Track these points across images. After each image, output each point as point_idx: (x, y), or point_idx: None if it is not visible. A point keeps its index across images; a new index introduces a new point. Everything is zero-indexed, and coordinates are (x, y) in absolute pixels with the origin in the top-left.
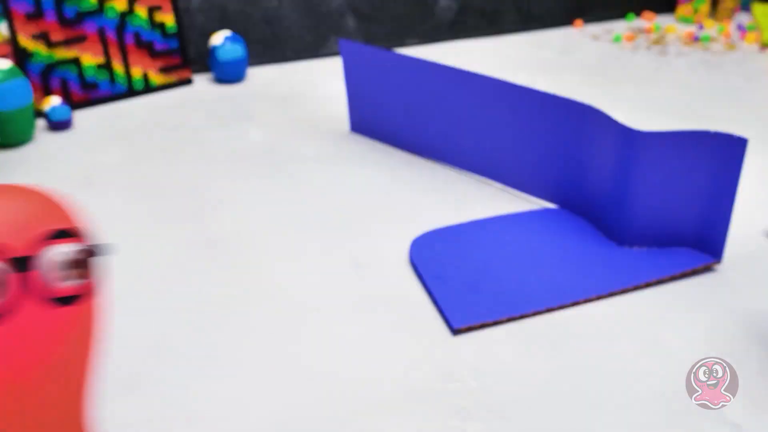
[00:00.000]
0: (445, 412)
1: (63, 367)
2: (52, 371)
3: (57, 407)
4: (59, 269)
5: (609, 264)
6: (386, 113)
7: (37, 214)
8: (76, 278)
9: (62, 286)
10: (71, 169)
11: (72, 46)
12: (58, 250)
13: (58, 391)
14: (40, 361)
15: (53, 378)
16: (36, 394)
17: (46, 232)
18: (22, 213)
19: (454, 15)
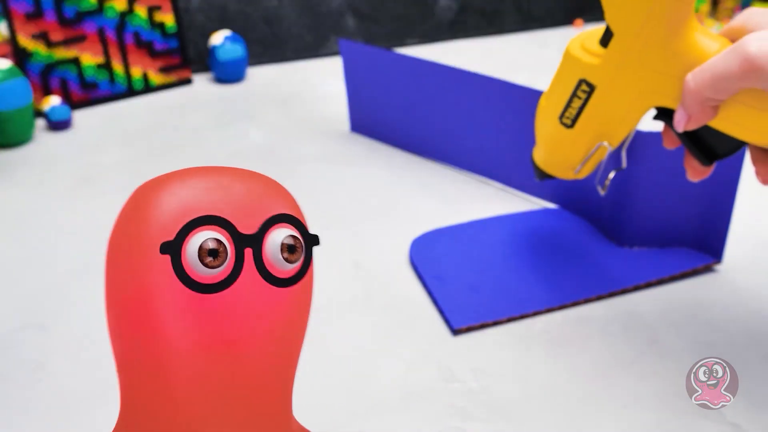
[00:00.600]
0: (445, 412)
1: (276, 345)
2: (265, 348)
3: (267, 387)
4: (282, 252)
5: (609, 264)
6: (387, 113)
7: (265, 197)
8: (295, 262)
9: (282, 268)
10: (71, 168)
11: (71, 46)
12: (282, 233)
13: (269, 370)
14: (256, 335)
15: (266, 356)
16: (245, 370)
17: (272, 215)
18: (252, 194)
19: (454, 15)
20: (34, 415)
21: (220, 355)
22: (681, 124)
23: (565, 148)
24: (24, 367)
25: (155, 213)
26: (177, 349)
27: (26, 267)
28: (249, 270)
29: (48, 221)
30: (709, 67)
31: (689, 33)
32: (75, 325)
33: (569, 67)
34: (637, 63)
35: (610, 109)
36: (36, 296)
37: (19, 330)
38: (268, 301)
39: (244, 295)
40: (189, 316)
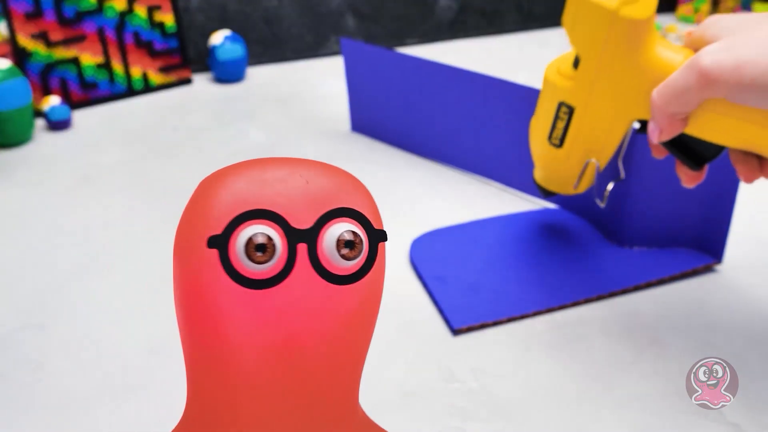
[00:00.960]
0: (445, 412)
1: (337, 344)
2: (326, 346)
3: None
4: (339, 248)
5: (609, 264)
6: (387, 113)
7: (327, 190)
8: (355, 259)
9: (340, 265)
10: (70, 168)
11: (71, 46)
12: (341, 229)
13: (330, 368)
14: (314, 334)
15: (327, 354)
16: (307, 366)
17: (330, 209)
18: (312, 187)
19: (454, 15)
20: (34, 415)
21: (280, 353)
22: (654, 136)
23: (558, 167)
24: (24, 367)
25: (207, 206)
26: (234, 345)
27: (26, 267)
28: (303, 266)
29: (48, 221)
30: (670, 83)
31: (651, 48)
32: (75, 325)
33: (548, 91)
34: (606, 82)
35: (592, 127)
36: (36, 296)
37: (19, 330)
38: (327, 298)
39: (299, 291)
40: (243, 313)
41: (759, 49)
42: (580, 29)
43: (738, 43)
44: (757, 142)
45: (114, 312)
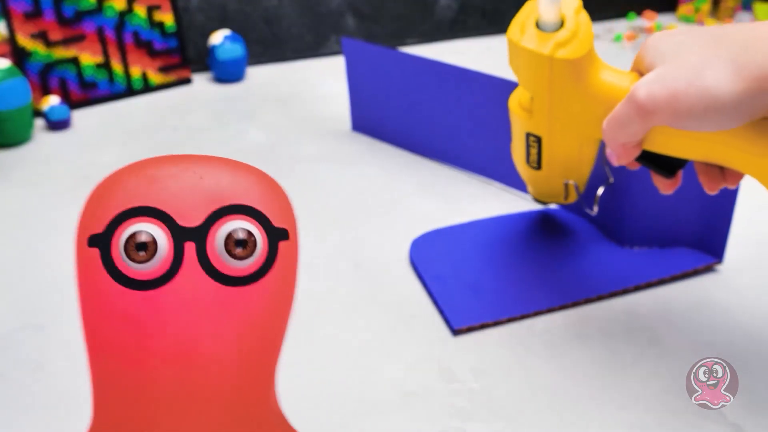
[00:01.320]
0: (446, 412)
1: (237, 348)
2: (223, 351)
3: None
4: (229, 247)
5: (609, 264)
6: (389, 112)
7: (222, 185)
8: (248, 258)
9: (232, 265)
10: (70, 168)
11: (71, 46)
12: (232, 227)
13: (235, 372)
14: (208, 337)
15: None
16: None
17: (222, 206)
18: (205, 183)
19: (454, 14)
20: (34, 415)
21: (176, 358)
22: (613, 160)
23: (544, 185)
24: (23, 367)
25: (93, 204)
26: (125, 350)
27: (25, 267)
28: (191, 266)
29: (47, 221)
30: (615, 116)
31: (596, 79)
32: (74, 325)
33: (514, 122)
34: (561, 114)
35: (563, 151)
36: (35, 297)
37: (18, 330)
38: (220, 301)
39: (188, 293)
40: (130, 315)
41: (689, 78)
42: (523, 73)
43: (670, 72)
44: (712, 155)
45: None
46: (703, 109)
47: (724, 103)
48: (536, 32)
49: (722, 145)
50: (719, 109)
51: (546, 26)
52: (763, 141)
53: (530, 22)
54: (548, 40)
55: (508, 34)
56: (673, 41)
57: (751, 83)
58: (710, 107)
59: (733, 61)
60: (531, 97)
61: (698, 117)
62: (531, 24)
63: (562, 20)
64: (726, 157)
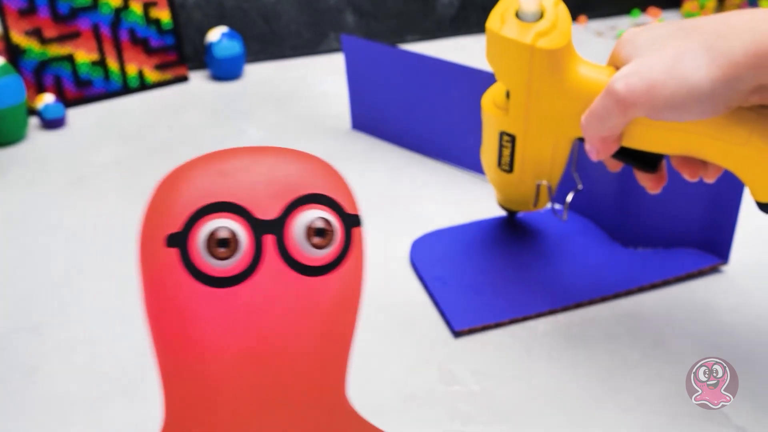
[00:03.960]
0: (446, 415)
1: (319, 339)
2: (306, 342)
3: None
4: (309, 236)
5: (613, 265)
6: (389, 111)
7: (294, 176)
8: (327, 247)
9: (312, 255)
10: (65, 167)
11: (66, 43)
12: (310, 216)
13: (312, 365)
14: (292, 330)
15: (308, 350)
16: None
17: (298, 196)
18: (276, 174)
19: (455, 11)
20: (28, 418)
21: (256, 355)
22: (593, 156)
23: (514, 190)
24: (18, 370)
25: (166, 203)
26: (205, 350)
27: (19, 268)
28: (272, 259)
29: (42, 221)
30: (593, 110)
31: (574, 71)
32: (69, 327)
33: (488, 121)
34: (538, 109)
35: (537, 150)
36: (30, 298)
37: (13, 332)
38: (302, 292)
39: (271, 287)
40: (210, 315)
41: (667, 69)
42: (502, 65)
43: (647, 64)
44: (690, 148)
45: (109, 314)
46: (682, 98)
47: (701, 91)
48: (517, 22)
49: (700, 136)
50: (697, 97)
51: (526, 16)
52: (739, 130)
53: (510, 13)
54: (529, 30)
55: (487, 25)
56: (649, 35)
57: (727, 70)
58: (688, 96)
59: (709, 50)
60: (507, 94)
61: (677, 107)
62: (511, 14)
63: (542, 11)
64: (704, 149)
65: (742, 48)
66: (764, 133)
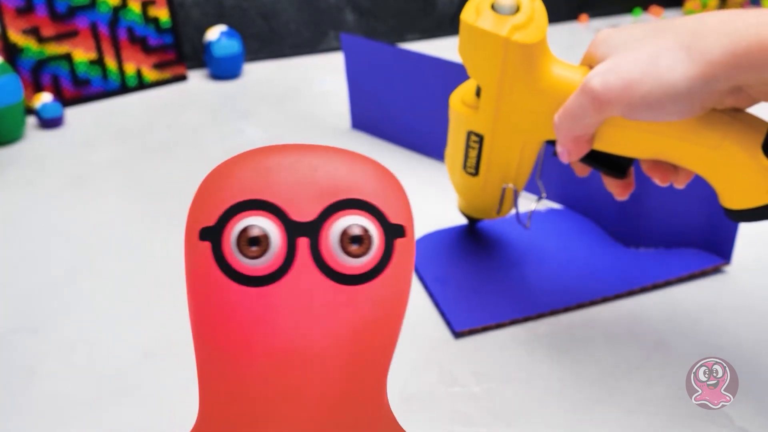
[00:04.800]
0: (447, 417)
1: (350, 347)
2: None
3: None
4: (344, 243)
5: (615, 265)
6: (389, 110)
7: (338, 179)
8: (363, 256)
9: (347, 263)
10: (63, 167)
11: (63, 42)
12: (347, 222)
13: (346, 373)
14: (321, 337)
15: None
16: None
17: (337, 200)
18: (320, 175)
19: (456, 9)
20: (27, 419)
21: (286, 356)
22: (564, 158)
23: (478, 194)
24: (15, 371)
25: (205, 196)
26: (235, 345)
27: (17, 269)
28: (304, 263)
29: (39, 222)
30: (567, 108)
31: (547, 70)
32: (68, 328)
33: (455, 121)
34: (509, 108)
35: (505, 152)
36: (28, 299)
37: (11, 333)
38: (333, 299)
39: (300, 291)
40: (239, 311)
41: (643, 67)
42: (475, 59)
43: (623, 62)
44: (663, 151)
45: (108, 314)
46: (658, 96)
47: (678, 90)
48: (492, 14)
49: (672, 138)
50: (673, 96)
51: (503, 9)
52: (712, 133)
53: (486, 5)
54: (505, 23)
55: (462, 16)
56: (624, 35)
57: (704, 69)
58: (664, 95)
59: (686, 49)
60: (477, 92)
61: (653, 106)
62: (487, 6)
63: (518, 4)
64: (676, 152)
65: (720, 47)
66: (736, 137)
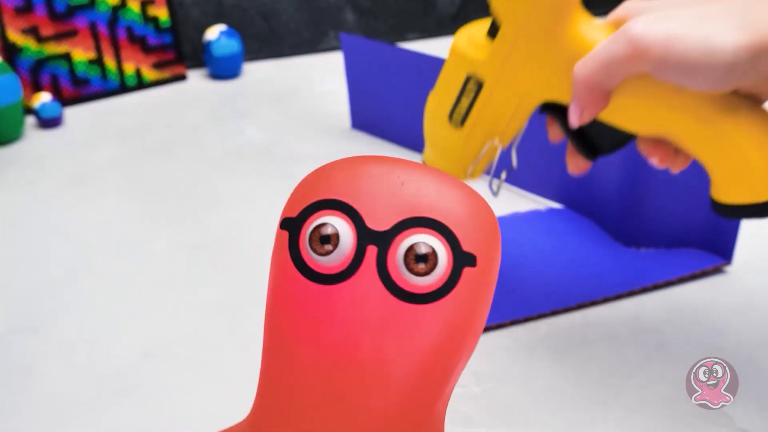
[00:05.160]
0: (447, 417)
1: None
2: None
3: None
4: (408, 259)
5: (616, 265)
6: (389, 110)
7: (421, 196)
8: (427, 276)
9: (409, 279)
10: (62, 167)
11: (62, 41)
12: (417, 239)
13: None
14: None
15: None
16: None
17: (413, 216)
18: (405, 190)
19: (456, 9)
20: (26, 419)
21: (335, 359)
22: (575, 117)
23: (457, 149)
24: (14, 371)
25: (297, 190)
26: (292, 337)
27: (17, 269)
28: (369, 271)
29: (39, 222)
30: (597, 53)
31: (575, 24)
32: (67, 328)
33: (456, 63)
34: (524, 56)
35: (500, 105)
36: (27, 299)
37: (10, 333)
38: (387, 312)
39: (359, 298)
40: (300, 304)
41: (691, 24)
42: None
43: (673, 15)
44: (672, 128)
45: (108, 314)
46: (697, 58)
47: (721, 55)
48: None
49: (686, 114)
50: (714, 61)
51: None
52: (729, 117)
53: None
54: None
55: None
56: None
57: (754, 39)
58: (705, 57)
59: (738, 18)
60: (491, 32)
61: (689, 67)
62: None
63: None
64: (685, 131)
65: None
66: (752, 127)
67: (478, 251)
